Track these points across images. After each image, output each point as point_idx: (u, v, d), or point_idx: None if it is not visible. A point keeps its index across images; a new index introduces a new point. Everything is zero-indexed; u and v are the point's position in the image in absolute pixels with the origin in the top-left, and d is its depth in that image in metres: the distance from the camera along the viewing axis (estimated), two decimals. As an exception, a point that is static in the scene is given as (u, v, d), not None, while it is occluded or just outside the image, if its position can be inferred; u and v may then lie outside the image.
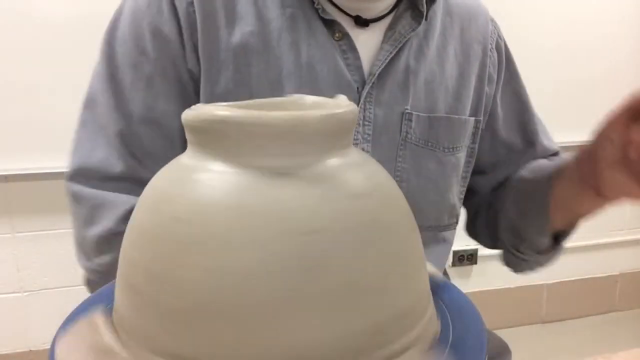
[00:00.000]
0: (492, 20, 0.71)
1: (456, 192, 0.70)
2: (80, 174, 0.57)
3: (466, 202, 0.75)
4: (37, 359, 1.67)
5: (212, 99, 0.57)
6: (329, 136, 0.32)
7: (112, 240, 0.54)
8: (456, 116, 0.66)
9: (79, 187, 0.57)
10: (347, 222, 0.30)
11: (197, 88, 0.58)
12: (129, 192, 0.55)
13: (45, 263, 1.62)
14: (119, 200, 0.55)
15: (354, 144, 0.51)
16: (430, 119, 0.64)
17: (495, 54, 0.70)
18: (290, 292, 0.28)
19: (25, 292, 1.65)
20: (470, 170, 0.71)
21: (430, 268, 0.42)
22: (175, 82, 0.57)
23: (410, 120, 0.63)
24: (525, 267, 0.71)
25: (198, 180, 0.31)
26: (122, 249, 0.35)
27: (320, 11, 0.59)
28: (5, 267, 1.61)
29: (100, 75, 0.58)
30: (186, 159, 0.33)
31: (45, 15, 1.44)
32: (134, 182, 0.56)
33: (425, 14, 0.62)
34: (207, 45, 0.57)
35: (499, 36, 0.71)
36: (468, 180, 0.72)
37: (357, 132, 0.62)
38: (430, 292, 0.38)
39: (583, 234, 0.78)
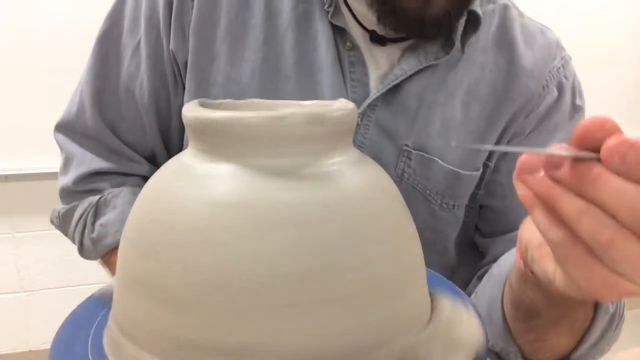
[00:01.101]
0: (564, 58, 0.59)
1: (451, 241, 0.61)
2: (62, 126, 0.63)
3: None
4: (37, 359, 1.67)
5: (200, 88, 0.54)
6: (329, 136, 0.32)
7: (69, 194, 0.62)
8: (467, 173, 0.56)
9: (61, 137, 0.63)
10: (345, 221, 0.30)
11: (179, 71, 0.56)
12: (95, 153, 0.60)
13: (45, 263, 1.62)
14: (85, 159, 0.60)
15: None
16: (434, 164, 0.55)
17: (555, 93, 0.57)
18: (289, 291, 0.28)
19: (25, 292, 1.65)
20: (474, 216, 0.61)
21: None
22: (156, 59, 0.56)
23: (410, 159, 0.55)
24: None
25: (199, 180, 0.31)
26: (121, 246, 0.35)
27: (329, 14, 0.52)
28: (5, 267, 1.61)
29: (98, 35, 0.59)
30: (187, 158, 0.33)
31: (47, 16, 1.44)
32: (100, 144, 0.60)
33: (456, 44, 0.53)
34: (202, 31, 0.54)
35: (565, 76, 0.58)
36: (472, 225, 0.62)
37: None
38: (429, 294, 0.38)
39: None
